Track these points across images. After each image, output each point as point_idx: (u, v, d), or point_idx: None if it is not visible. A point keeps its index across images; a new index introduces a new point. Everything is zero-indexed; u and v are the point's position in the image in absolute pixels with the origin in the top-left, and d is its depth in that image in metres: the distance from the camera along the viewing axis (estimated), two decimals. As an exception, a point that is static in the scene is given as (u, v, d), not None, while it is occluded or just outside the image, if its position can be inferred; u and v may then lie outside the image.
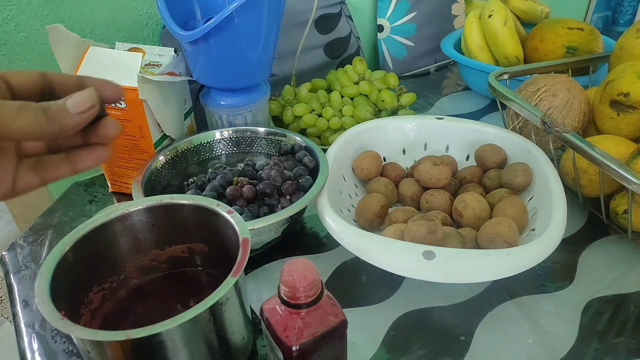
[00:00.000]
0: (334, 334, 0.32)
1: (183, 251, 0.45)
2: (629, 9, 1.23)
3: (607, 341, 0.43)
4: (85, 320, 0.40)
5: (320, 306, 0.32)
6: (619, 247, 0.53)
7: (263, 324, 0.34)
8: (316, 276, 0.31)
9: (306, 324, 0.31)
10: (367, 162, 0.58)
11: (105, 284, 0.42)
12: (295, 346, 0.31)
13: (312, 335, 0.31)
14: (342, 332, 0.33)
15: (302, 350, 0.31)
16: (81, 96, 0.27)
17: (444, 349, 0.42)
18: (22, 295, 0.49)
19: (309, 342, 0.31)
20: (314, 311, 0.32)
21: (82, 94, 0.27)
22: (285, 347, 0.31)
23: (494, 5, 0.78)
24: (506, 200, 0.51)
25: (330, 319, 0.32)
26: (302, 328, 0.31)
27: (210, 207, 0.42)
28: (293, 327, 0.31)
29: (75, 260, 0.38)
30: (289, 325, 0.32)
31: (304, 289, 0.30)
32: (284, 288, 0.31)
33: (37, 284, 0.35)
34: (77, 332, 0.31)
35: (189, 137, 0.61)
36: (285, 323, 0.32)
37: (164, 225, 0.44)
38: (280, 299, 0.32)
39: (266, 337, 0.34)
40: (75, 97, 0.27)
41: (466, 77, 0.88)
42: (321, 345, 0.32)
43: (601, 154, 0.46)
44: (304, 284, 0.30)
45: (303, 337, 0.31)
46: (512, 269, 0.41)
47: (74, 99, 0.27)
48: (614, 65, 0.62)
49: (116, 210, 0.41)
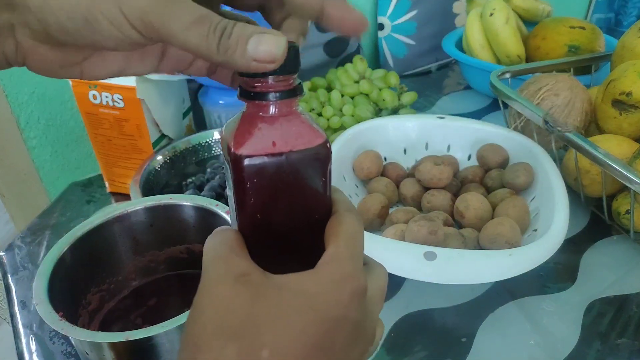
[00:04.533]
0: (308, 161, 0.22)
1: (182, 252, 0.45)
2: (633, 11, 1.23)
3: (610, 342, 0.43)
4: (84, 321, 0.39)
5: (292, 114, 0.22)
6: (621, 248, 0.53)
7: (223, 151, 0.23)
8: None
9: (269, 131, 0.21)
10: (368, 161, 0.57)
11: (103, 285, 0.42)
12: (243, 153, 0.21)
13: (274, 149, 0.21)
14: (320, 162, 0.22)
15: (256, 166, 0.21)
16: (270, 43, 0.20)
17: (445, 350, 0.42)
18: (20, 296, 0.49)
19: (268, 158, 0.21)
20: (285, 118, 0.22)
21: (274, 40, 0.20)
22: (232, 157, 0.21)
23: (496, 4, 0.78)
24: (508, 200, 0.50)
25: (307, 138, 0.22)
26: (262, 134, 0.21)
27: (209, 208, 0.41)
28: (249, 131, 0.21)
29: (73, 261, 0.38)
30: (245, 129, 0.22)
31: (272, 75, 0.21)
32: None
33: (35, 285, 0.34)
34: (75, 333, 0.31)
35: (188, 136, 0.61)
36: (241, 127, 0.22)
37: (162, 225, 0.43)
38: (238, 91, 0.22)
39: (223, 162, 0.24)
40: (264, 42, 0.20)
41: (468, 76, 0.87)
42: (287, 171, 0.21)
43: (603, 153, 0.46)
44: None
45: (260, 146, 0.21)
46: (514, 270, 0.40)
47: (263, 44, 0.20)
48: (616, 65, 0.62)
49: (114, 211, 0.41)
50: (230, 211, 0.24)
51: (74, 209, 0.61)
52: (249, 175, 0.21)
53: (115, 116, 0.56)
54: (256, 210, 0.22)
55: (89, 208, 0.62)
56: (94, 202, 0.63)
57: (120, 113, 0.55)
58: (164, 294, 0.44)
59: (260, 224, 0.22)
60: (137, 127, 0.56)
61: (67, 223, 0.59)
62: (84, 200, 0.63)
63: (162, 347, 0.32)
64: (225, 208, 0.41)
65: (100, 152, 0.60)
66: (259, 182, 0.21)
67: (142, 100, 0.54)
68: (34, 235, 0.57)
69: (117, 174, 0.61)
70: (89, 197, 0.63)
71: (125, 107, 0.55)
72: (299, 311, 0.19)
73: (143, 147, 0.58)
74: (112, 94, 0.54)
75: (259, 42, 0.20)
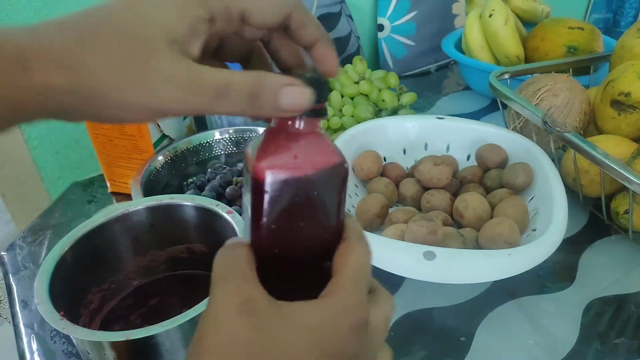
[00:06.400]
0: (327, 177, 0.22)
1: (182, 252, 0.45)
2: (630, 11, 1.23)
3: (608, 342, 0.43)
4: (85, 320, 0.39)
5: (316, 133, 0.23)
6: (620, 248, 0.53)
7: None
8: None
9: (292, 146, 0.22)
10: (368, 162, 0.58)
11: (104, 284, 0.42)
12: (264, 164, 0.21)
13: (295, 162, 0.22)
14: (338, 181, 0.23)
15: (276, 177, 0.21)
16: (297, 97, 0.21)
17: (445, 350, 0.42)
18: (21, 296, 0.49)
19: (289, 171, 0.21)
20: (308, 136, 0.23)
21: (301, 93, 0.21)
22: (254, 168, 0.22)
23: (495, 5, 0.78)
24: (507, 200, 0.50)
25: (328, 156, 0.23)
26: (286, 148, 0.22)
27: (210, 208, 0.42)
28: (273, 144, 0.22)
29: (75, 261, 0.38)
30: (269, 143, 0.23)
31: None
32: None
33: (36, 285, 0.34)
34: (76, 332, 0.31)
35: (189, 137, 0.61)
36: (265, 141, 0.23)
37: (163, 225, 0.43)
38: None
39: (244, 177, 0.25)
40: (292, 96, 0.21)
41: (467, 76, 0.88)
42: (305, 185, 0.22)
43: (602, 154, 0.46)
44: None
45: (282, 159, 0.22)
46: (513, 270, 0.41)
47: (291, 98, 0.21)
48: (614, 65, 0.62)
49: (115, 211, 0.41)
50: (244, 222, 0.24)
51: (75, 209, 0.61)
52: (268, 185, 0.21)
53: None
54: (271, 222, 0.22)
55: (90, 208, 0.62)
56: (95, 202, 0.63)
57: (121, 113, 0.55)
58: (165, 294, 0.44)
59: (273, 237, 0.23)
60: (138, 127, 0.56)
61: (68, 223, 0.59)
62: (85, 200, 0.63)
63: (162, 347, 0.33)
64: (226, 208, 0.41)
65: (101, 152, 0.60)
66: (277, 193, 0.22)
67: (143, 101, 0.55)
68: (35, 235, 0.57)
69: (118, 174, 0.62)
70: (90, 197, 0.64)
71: (126, 108, 0.55)
72: (299, 345, 0.19)
73: (144, 147, 0.58)
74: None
75: (288, 97, 0.21)
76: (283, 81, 0.21)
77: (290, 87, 0.21)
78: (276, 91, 0.21)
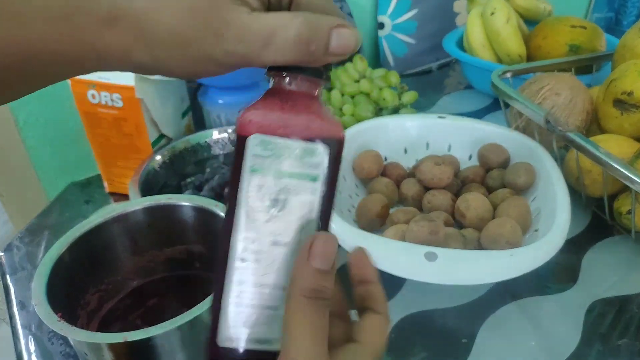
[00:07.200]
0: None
1: (181, 252, 0.45)
2: (632, 10, 1.23)
3: (611, 343, 0.42)
4: (82, 322, 0.39)
5: (311, 97, 0.22)
6: (622, 248, 0.52)
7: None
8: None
9: (284, 103, 0.21)
10: (368, 161, 0.57)
11: (102, 285, 0.42)
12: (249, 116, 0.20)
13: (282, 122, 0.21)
14: (332, 150, 0.21)
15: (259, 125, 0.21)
16: (352, 37, 0.20)
17: (446, 351, 0.42)
18: (18, 297, 0.49)
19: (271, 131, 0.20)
20: (304, 98, 0.21)
21: (353, 34, 0.20)
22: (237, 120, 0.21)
23: (497, 3, 0.78)
24: (509, 200, 0.50)
25: (322, 122, 0.21)
26: (274, 104, 0.21)
27: (208, 208, 0.41)
28: (266, 101, 0.21)
29: (72, 262, 0.38)
30: (262, 99, 0.21)
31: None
32: None
33: (34, 286, 0.34)
34: (74, 334, 0.31)
35: (187, 136, 0.61)
36: (258, 100, 0.22)
37: (161, 226, 0.43)
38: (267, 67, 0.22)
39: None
40: (346, 36, 0.20)
41: (468, 75, 0.87)
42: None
43: (605, 153, 0.46)
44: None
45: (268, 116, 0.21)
46: (515, 271, 0.40)
47: (344, 37, 0.20)
48: (617, 64, 0.61)
49: (113, 211, 0.41)
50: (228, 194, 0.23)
51: (73, 209, 0.61)
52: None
53: (114, 116, 0.55)
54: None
55: (88, 208, 0.61)
56: (92, 202, 0.62)
57: (119, 112, 0.55)
58: (163, 295, 0.44)
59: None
60: (136, 126, 0.56)
61: (66, 223, 0.59)
62: (83, 200, 0.63)
63: (161, 348, 0.32)
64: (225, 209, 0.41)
65: (99, 151, 0.60)
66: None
67: (141, 100, 0.54)
68: (32, 235, 0.57)
69: (116, 174, 0.61)
70: (88, 197, 0.63)
71: (124, 107, 0.55)
72: None
73: (142, 146, 0.58)
74: (110, 94, 0.54)
75: (340, 38, 0.20)
76: (333, 22, 0.20)
77: (342, 29, 0.20)
78: (327, 33, 0.20)
